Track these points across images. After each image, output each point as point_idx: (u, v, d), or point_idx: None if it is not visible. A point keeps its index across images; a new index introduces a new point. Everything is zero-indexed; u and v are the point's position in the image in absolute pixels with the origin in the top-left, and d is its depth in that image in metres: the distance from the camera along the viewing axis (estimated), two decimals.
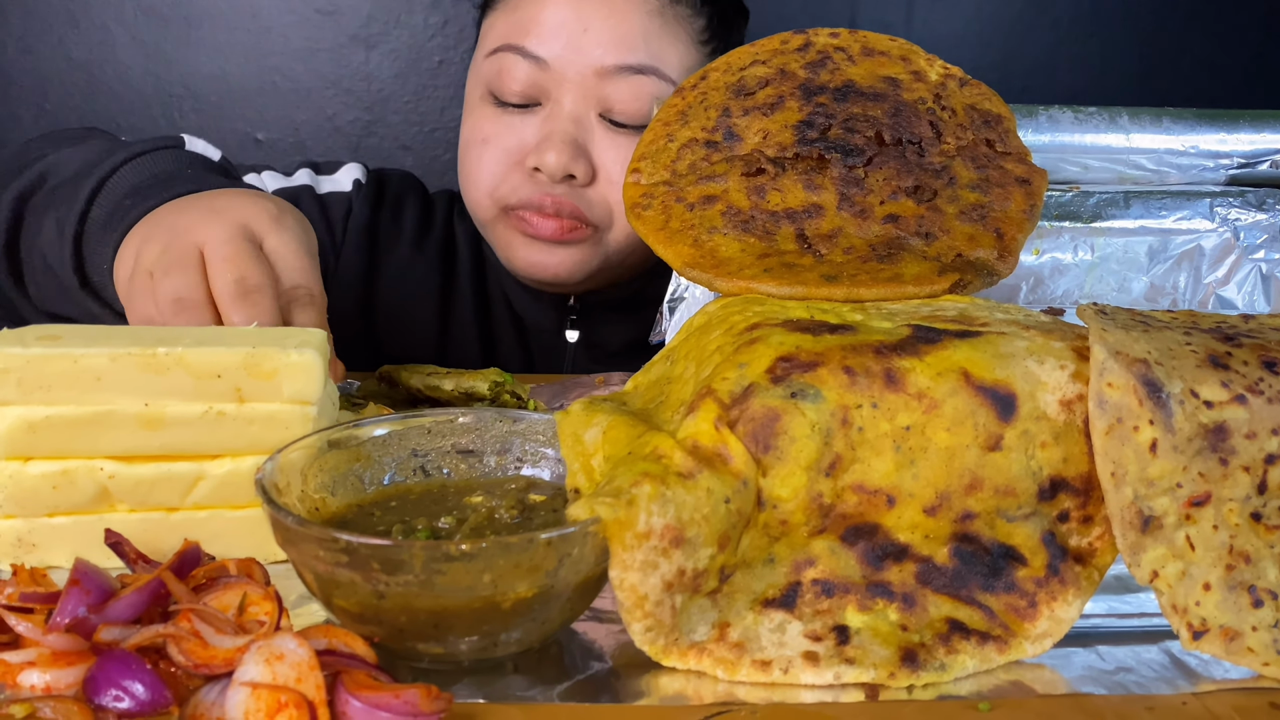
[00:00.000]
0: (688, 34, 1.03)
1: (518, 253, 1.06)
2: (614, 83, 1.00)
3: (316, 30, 1.66)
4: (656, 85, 1.00)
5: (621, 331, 1.15)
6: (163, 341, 0.59)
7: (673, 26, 1.02)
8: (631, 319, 1.14)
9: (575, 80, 1.00)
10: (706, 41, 1.05)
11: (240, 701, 0.43)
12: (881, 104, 0.71)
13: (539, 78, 1.00)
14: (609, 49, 0.99)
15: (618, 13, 1.00)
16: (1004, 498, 0.53)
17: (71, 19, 1.63)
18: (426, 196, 1.22)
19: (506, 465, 0.61)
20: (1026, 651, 0.52)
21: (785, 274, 0.62)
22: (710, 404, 0.52)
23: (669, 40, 1.01)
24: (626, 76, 0.99)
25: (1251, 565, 0.52)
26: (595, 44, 0.99)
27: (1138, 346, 0.53)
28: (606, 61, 0.99)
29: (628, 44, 1.00)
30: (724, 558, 0.51)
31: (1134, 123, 0.85)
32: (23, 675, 0.46)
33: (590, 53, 0.99)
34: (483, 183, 1.05)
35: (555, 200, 1.01)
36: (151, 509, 0.60)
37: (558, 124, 1.00)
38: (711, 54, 1.06)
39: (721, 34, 1.07)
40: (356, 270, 1.14)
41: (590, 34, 0.99)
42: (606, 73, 0.99)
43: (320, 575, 0.49)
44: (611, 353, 1.15)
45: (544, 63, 1.00)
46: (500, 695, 0.49)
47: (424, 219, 1.18)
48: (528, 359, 1.18)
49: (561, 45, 0.99)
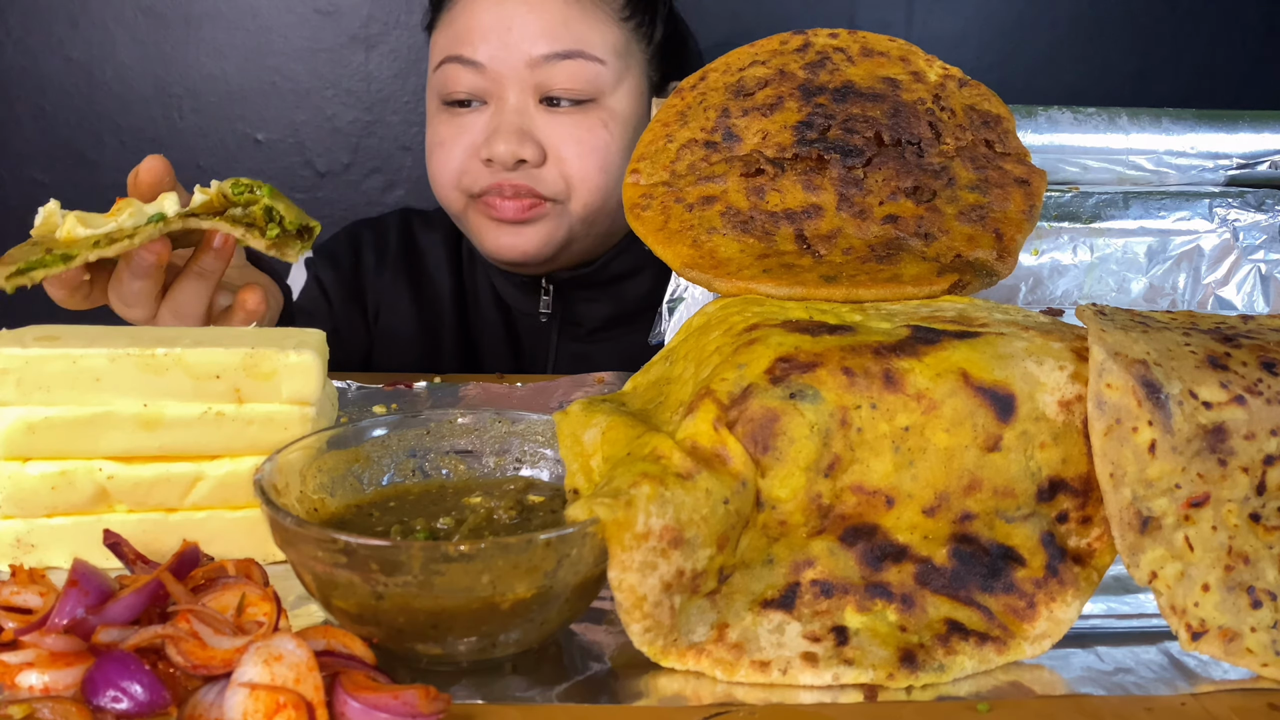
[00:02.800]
0: (606, 13, 1.11)
1: (487, 236, 1.14)
2: (546, 70, 1.08)
3: (316, 30, 1.66)
4: (585, 65, 1.09)
5: (597, 309, 1.21)
6: (162, 342, 0.59)
7: (590, 10, 1.10)
8: (604, 294, 1.21)
9: (510, 75, 1.09)
10: (629, 18, 1.13)
11: (239, 702, 0.43)
12: (881, 104, 0.71)
13: (479, 80, 1.10)
14: (534, 41, 1.08)
15: (537, 8, 1.09)
16: (1003, 498, 0.53)
17: (71, 19, 1.63)
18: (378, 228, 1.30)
19: (505, 466, 0.61)
20: (1025, 652, 0.52)
21: (784, 275, 0.62)
22: (709, 405, 0.52)
23: (590, 23, 1.10)
24: (555, 62, 1.08)
25: (1250, 566, 0.52)
26: (521, 39, 1.08)
27: (1137, 347, 0.53)
28: (535, 52, 1.08)
29: (551, 33, 1.08)
30: (723, 558, 0.51)
31: (1133, 123, 0.85)
32: (21, 676, 0.46)
33: (518, 48, 1.08)
34: (447, 178, 1.14)
35: (512, 185, 1.10)
36: (150, 510, 0.60)
37: (503, 118, 1.09)
38: (637, 28, 1.13)
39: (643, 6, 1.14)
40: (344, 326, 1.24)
41: (515, 31, 1.08)
42: (536, 63, 1.08)
43: (319, 576, 0.49)
44: (592, 329, 1.21)
45: (480, 66, 1.09)
46: (499, 696, 0.49)
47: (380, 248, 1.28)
48: (515, 348, 1.24)
49: (493, 47, 1.09)
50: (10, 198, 1.66)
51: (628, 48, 1.12)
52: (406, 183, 1.71)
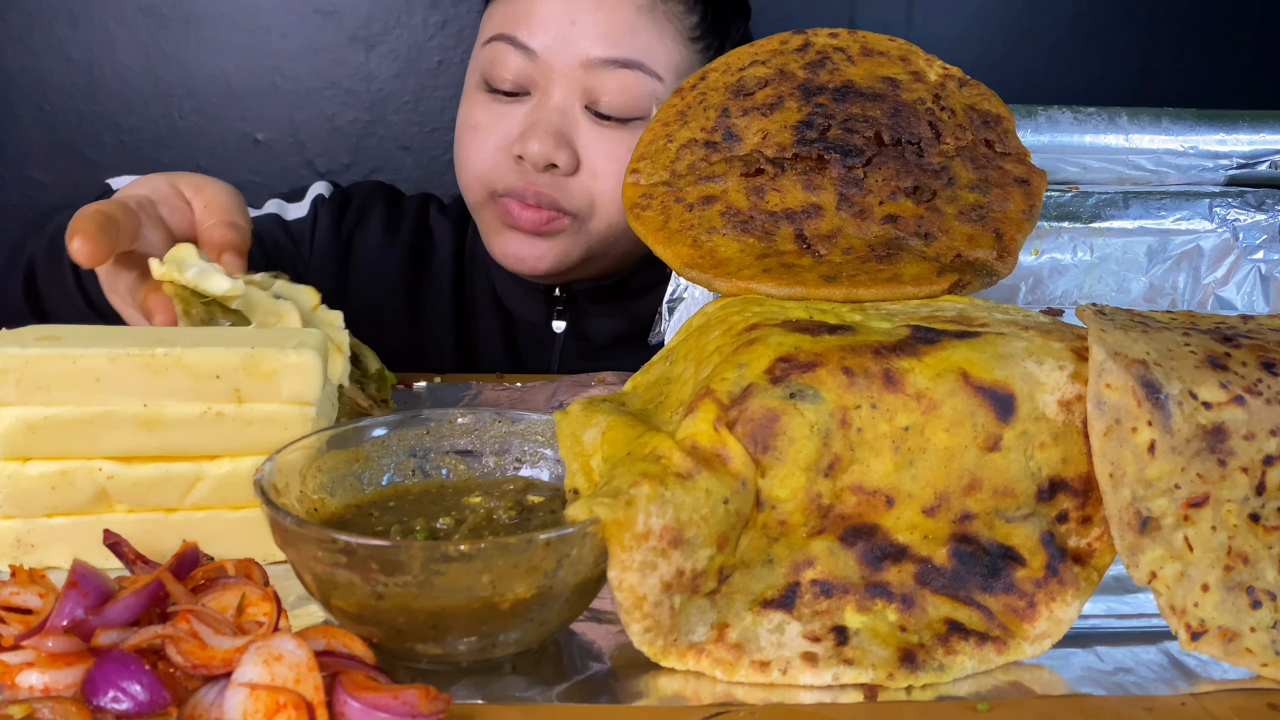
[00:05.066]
0: (677, 30, 1.05)
1: (497, 240, 1.09)
2: (600, 75, 1.01)
3: (316, 30, 1.66)
4: (643, 80, 1.02)
5: (610, 324, 1.16)
6: (162, 342, 0.59)
7: (662, 22, 1.04)
8: (619, 311, 1.16)
9: (562, 72, 1.02)
10: (698, 39, 1.07)
11: (239, 702, 0.43)
12: (881, 104, 0.71)
13: (528, 68, 1.03)
14: (596, 42, 1.01)
15: (606, 6, 1.02)
16: (1003, 498, 0.53)
17: (71, 19, 1.63)
18: (396, 201, 1.24)
19: (505, 466, 0.61)
20: (1025, 652, 0.52)
21: (784, 274, 0.62)
22: (709, 404, 0.52)
23: (657, 35, 1.03)
24: (613, 70, 1.01)
25: (1250, 566, 0.52)
26: (583, 36, 1.01)
27: (1136, 347, 0.53)
28: (593, 54, 1.01)
29: (615, 37, 1.02)
30: (723, 558, 0.51)
31: (1133, 123, 0.85)
32: (21, 676, 0.46)
33: (578, 45, 1.01)
34: (473, 167, 1.08)
35: (535, 190, 1.04)
36: (150, 510, 0.60)
37: (543, 114, 1.03)
38: (704, 50, 1.07)
39: (716, 30, 1.09)
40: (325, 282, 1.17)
41: (578, 26, 1.01)
42: (593, 65, 1.01)
43: (319, 576, 0.49)
44: (600, 345, 1.16)
45: (533, 53, 1.02)
46: (499, 696, 0.49)
47: (391, 222, 1.21)
48: (513, 354, 1.20)
49: (550, 37, 1.02)
50: (10, 198, 1.66)
51: (689, 70, 1.04)
52: (406, 183, 1.70)
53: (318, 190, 1.21)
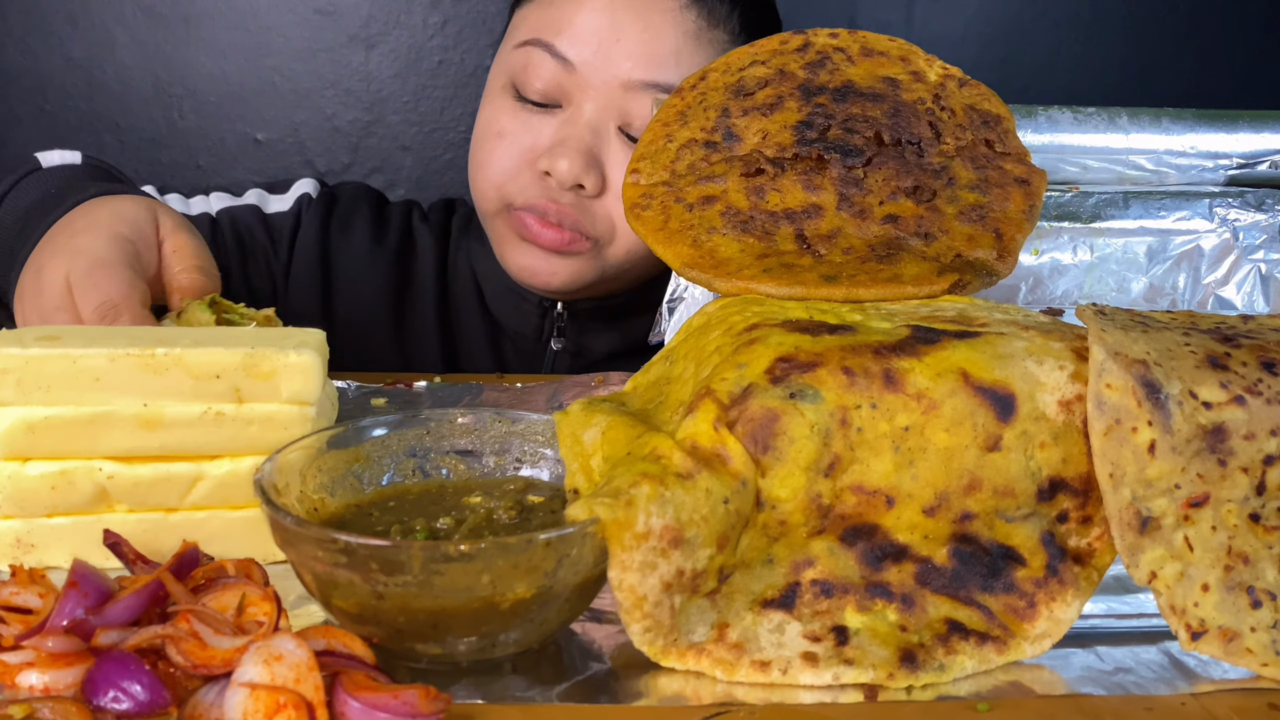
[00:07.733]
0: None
1: (512, 253, 1.05)
2: (638, 97, 0.98)
3: (316, 30, 1.66)
4: None
5: (606, 340, 1.14)
6: (161, 342, 0.59)
7: (706, 50, 1.00)
8: (618, 328, 1.13)
9: (600, 89, 0.98)
10: None
11: (239, 702, 0.43)
12: (881, 104, 0.71)
13: (563, 79, 0.99)
14: (638, 63, 0.98)
15: (653, 28, 0.98)
16: (1003, 498, 0.53)
17: (71, 19, 1.63)
18: (382, 205, 1.21)
19: (505, 466, 0.61)
20: (1025, 652, 0.52)
21: (784, 274, 0.62)
22: (709, 404, 0.52)
23: (700, 63, 0.98)
24: (651, 93, 0.98)
25: (1250, 566, 0.52)
26: (625, 55, 0.97)
27: (1136, 347, 0.53)
28: (634, 75, 0.98)
29: (658, 61, 0.98)
30: (723, 558, 0.51)
31: (1133, 123, 0.85)
32: (21, 676, 0.46)
33: (619, 63, 0.98)
34: (492, 176, 1.03)
35: (559, 209, 1.00)
36: (150, 510, 0.60)
37: (575, 130, 0.99)
38: None
39: None
40: (307, 284, 1.15)
41: (622, 44, 0.97)
42: (632, 86, 0.98)
43: (319, 576, 0.49)
44: (594, 361, 1.13)
45: (571, 65, 0.98)
46: (499, 696, 0.49)
47: (378, 227, 1.18)
48: (499, 363, 1.17)
49: (591, 51, 0.98)
50: None
51: None
52: (406, 183, 1.71)
53: (304, 188, 1.17)
